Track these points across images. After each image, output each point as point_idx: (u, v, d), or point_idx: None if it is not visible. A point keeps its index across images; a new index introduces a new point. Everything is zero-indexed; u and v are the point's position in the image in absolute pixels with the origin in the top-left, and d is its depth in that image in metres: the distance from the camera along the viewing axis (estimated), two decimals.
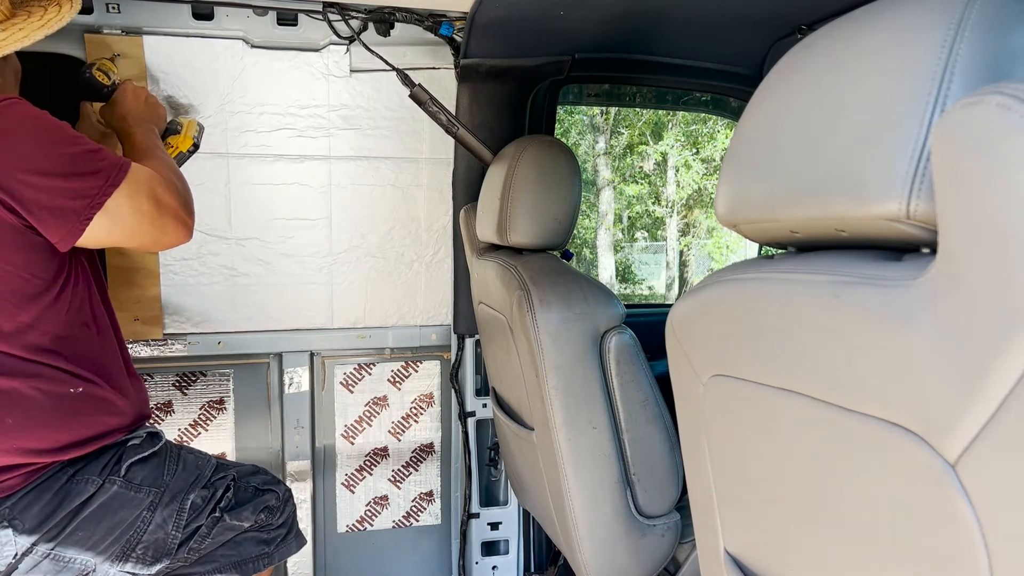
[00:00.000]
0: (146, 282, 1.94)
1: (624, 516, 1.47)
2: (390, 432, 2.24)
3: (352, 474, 2.23)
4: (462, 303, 2.12)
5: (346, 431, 2.20)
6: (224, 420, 2.08)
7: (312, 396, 2.15)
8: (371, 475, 2.24)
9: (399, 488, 2.27)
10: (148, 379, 1.99)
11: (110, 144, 1.61)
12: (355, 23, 1.88)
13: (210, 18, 1.82)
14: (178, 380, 2.03)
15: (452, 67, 1.99)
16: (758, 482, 0.84)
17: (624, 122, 12.59)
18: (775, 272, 0.76)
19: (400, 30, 1.92)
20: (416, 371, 2.23)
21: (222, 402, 2.08)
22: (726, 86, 2.20)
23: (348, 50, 1.94)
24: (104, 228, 1.25)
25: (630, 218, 14.13)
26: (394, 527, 2.29)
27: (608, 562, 1.49)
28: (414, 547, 2.32)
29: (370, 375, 2.19)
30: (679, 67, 2.12)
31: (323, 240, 2.06)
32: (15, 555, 1.25)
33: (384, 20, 1.88)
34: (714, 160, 11.91)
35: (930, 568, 0.60)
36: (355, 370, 2.18)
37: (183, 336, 1.99)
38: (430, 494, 2.31)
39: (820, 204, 0.67)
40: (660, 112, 11.31)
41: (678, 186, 12.71)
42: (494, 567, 2.28)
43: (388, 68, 1.90)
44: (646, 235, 14.74)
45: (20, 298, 1.22)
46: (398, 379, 2.22)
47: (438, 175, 2.10)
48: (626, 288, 14.07)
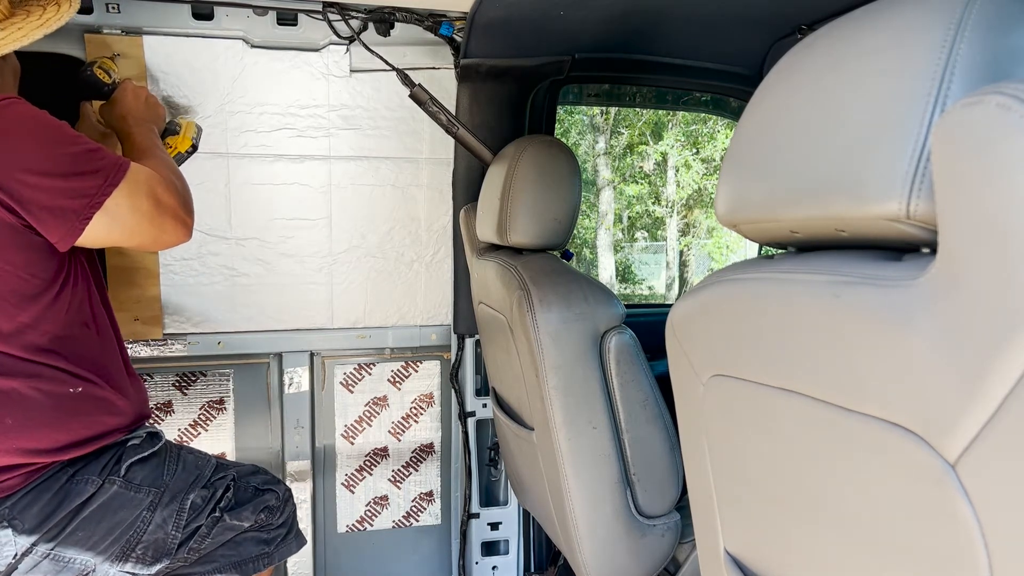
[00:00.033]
0: (146, 282, 1.94)
1: (624, 516, 1.47)
2: (390, 432, 2.24)
3: (352, 474, 2.23)
4: (462, 303, 2.12)
5: (346, 431, 2.20)
6: (224, 420, 2.08)
7: (312, 396, 2.15)
8: (371, 475, 2.24)
9: (399, 488, 2.27)
10: (148, 379, 1.99)
11: (110, 144, 1.61)
12: (355, 23, 1.88)
13: (210, 18, 1.82)
14: (178, 380, 2.03)
15: (452, 67, 1.99)
16: (758, 482, 0.83)
17: (624, 122, 12.59)
18: (775, 272, 0.76)
19: (400, 30, 1.92)
20: (416, 371, 2.23)
21: (222, 402, 2.08)
22: (726, 86, 2.20)
23: (348, 50, 1.94)
24: (103, 228, 1.25)
25: (630, 218, 14.13)
26: (394, 527, 2.29)
27: (608, 562, 1.49)
28: (414, 547, 2.32)
29: (370, 375, 2.19)
30: (679, 67, 2.12)
31: (323, 240, 2.06)
32: (15, 555, 1.25)
33: (384, 20, 1.87)
34: (714, 160, 11.91)
35: (930, 568, 0.60)
36: (355, 370, 2.18)
37: (183, 336, 1.99)
38: (430, 494, 2.31)
39: (820, 204, 0.67)
40: (660, 112, 11.30)
41: (678, 186, 12.71)
42: (494, 567, 2.28)
43: (388, 68, 1.90)
44: (646, 235, 14.74)
45: (19, 298, 1.22)
46: (398, 379, 2.22)
47: (438, 175, 2.10)
48: (626, 288, 14.07)
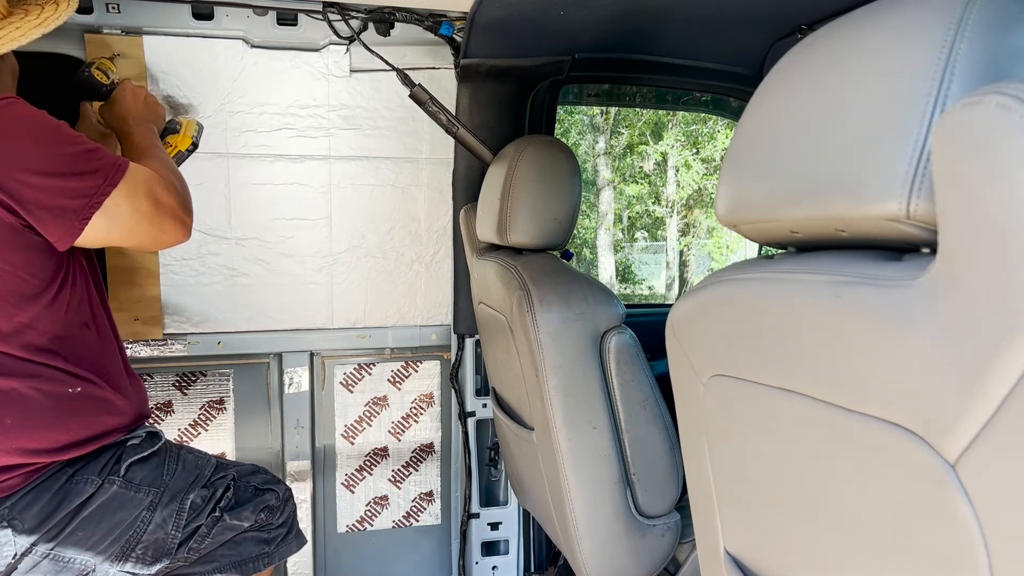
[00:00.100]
0: (146, 282, 1.94)
1: (624, 516, 1.47)
2: (390, 432, 2.24)
3: (352, 474, 2.23)
4: (462, 303, 2.12)
5: (346, 431, 2.20)
6: (224, 420, 2.08)
7: (312, 396, 2.15)
8: (371, 475, 2.24)
9: (399, 488, 2.27)
10: (148, 379, 1.99)
11: (109, 144, 1.61)
12: (355, 23, 1.88)
13: (210, 18, 1.82)
14: (178, 380, 2.03)
15: (452, 67, 1.99)
16: (758, 482, 0.83)
17: (624, 122, 12.59)
18: (775, 272, 0.76)
19: (400, 30, 1.92)
20: (416, 371, 2.23)
21: (222, 402, 2.07)
22: (726, 86, 2.20)
23: (348, 50, 1.94)
24: (103, 228, 1.25)
25: (630, 218, 14.13)
26: (394, 527, 2.29)
27: (608, 562, 1.49)
28: (414, 547, 2.32)
29: (370, 375, 2.19)
30: (679, 67, 2.12)
31: (323, 240, 2.06)
32: (14, 555, 1.25)
33: (384, 20, 1.87)
34: (714, 160, 11.90)
35: (930, 568, 0.60)
36: (355, 370, 2.18)
37: (183, 336, 1.99)
38: (430, 494, 2.31)
39: (820, 204, 0.67)
40: (660, 112, 11.30)
41: (678, 186, 12.71)
42: (494, 567, 2.28)
43: (388, 68, 1.90)
44: (646, 235, 14.74)
45: (18, 298, 1.22)
46: (398, 379, 2.22)
47: (438, 175, 2.10)
48: (626, 288, 14.07)
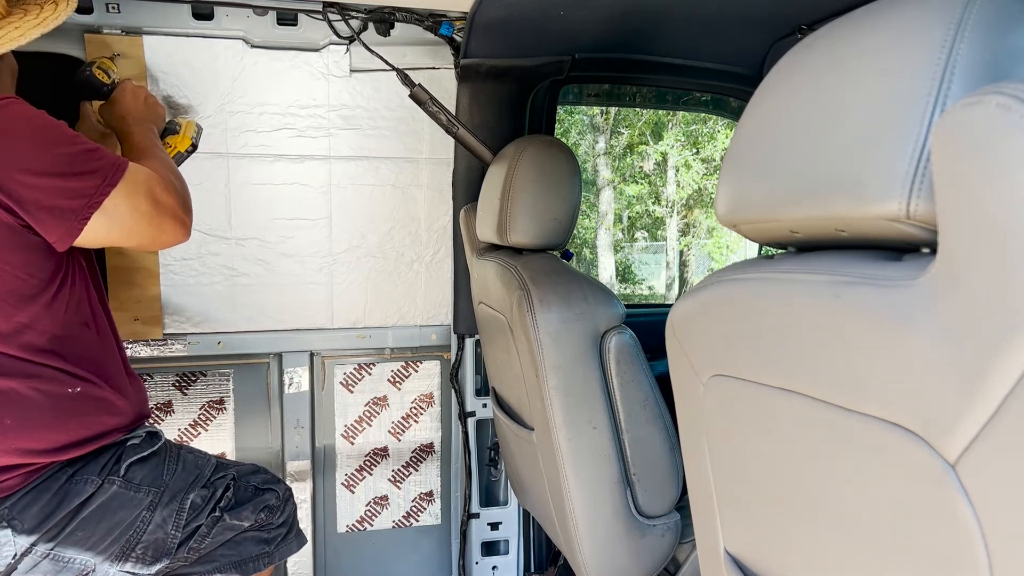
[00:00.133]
0: (146, 282, 1.94)
1: (624, 516, 1.47)
2: (390, 432, 2.23)
3: (352, 474, 2.23)
4: (462, 303, 2.12)
5: (346, 431, 2.20)
6: (224, 420, 2.08)
7: (312, 396, 2.15)
8: (371, 475, 2.24)
9: (399, 488, 2.27)
10: (148, 379, 1.99)
11: (109, 144, 1.61)
12: (355, 23, 1.88)
13: (210, 18, 1.82)
14: (178, 380, 2.03)
15: (452, 67, 1.99)
16: (758, 482, 0.83)
17: (624, 122, 12.59)
18: (775, 272, 0.76)
19: (400, 30, 1.92)
20: (416, 371, 2.23)
21: (222, 402, 2.07)
22: (726, 86, 2.20)
23: (348, 50, 1.94)
24: (102, 228, 1.25)
25: (630, 218, 14.12)
26: (394, 527, 2.29)
27: (608, 562, 1.49)
28: (414, 547, 2.32)
29: (370, 375, 2.19)
30: (679, 67, 2.12)
31: (323, 240, 2.06)
32: (14, 555, 1.25)
33: (384, 20, 1.87)
34: (714, 160, 11.90)
35: (930, 568, 0.60)
36: (355, 370, 2.18)
37: (183, 336, 1.99)
38: (430, 494, 2.31)
39: (820, 204, 0.67)
40: (660, 112, 11.30)
41: (678, 186, 12.71)
42: (494, 567, 2.28)
43: (388, 68, 1.90)
44: (646, 235, 14.74)
45: (17, 298, 1.22)
46: (398, 379, 2.22)
47: (438, 175, 2.10)
48: (626, 288, 14.07)
